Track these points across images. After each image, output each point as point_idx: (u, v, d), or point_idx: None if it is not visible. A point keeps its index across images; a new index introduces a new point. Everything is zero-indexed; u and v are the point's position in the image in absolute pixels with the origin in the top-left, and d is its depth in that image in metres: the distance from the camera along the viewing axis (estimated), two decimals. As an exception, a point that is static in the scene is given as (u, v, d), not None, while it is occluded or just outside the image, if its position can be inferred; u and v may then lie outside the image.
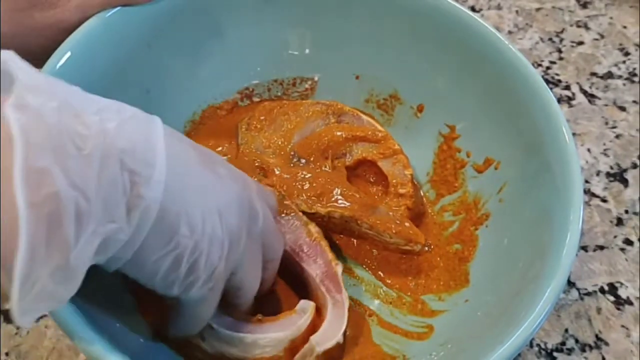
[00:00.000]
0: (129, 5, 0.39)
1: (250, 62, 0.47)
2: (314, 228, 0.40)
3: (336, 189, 0.42)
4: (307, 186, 0.42)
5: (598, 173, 0.52)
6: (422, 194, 0.46)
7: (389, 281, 0.42)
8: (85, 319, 0.29)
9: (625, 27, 0.63)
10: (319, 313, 0.38)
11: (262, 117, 0.46)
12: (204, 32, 0.44)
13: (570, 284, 0.46)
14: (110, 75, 0.39)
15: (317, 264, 0.39)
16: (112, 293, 0.37)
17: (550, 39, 0.61)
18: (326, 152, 0.44)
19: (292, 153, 0.44)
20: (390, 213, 0.42)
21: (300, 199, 0.42)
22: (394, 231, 0.41)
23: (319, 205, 0.42)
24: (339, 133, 0.45)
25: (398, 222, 0.42)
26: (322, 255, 0.40)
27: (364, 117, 0.46)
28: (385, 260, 0.43)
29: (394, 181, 0.44)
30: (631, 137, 0.55)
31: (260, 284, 0.36)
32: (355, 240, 0.44)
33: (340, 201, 0.42)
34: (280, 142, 0.45)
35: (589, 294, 0.46)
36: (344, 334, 0.38)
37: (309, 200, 0.42)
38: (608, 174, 0.52)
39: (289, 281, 0.41)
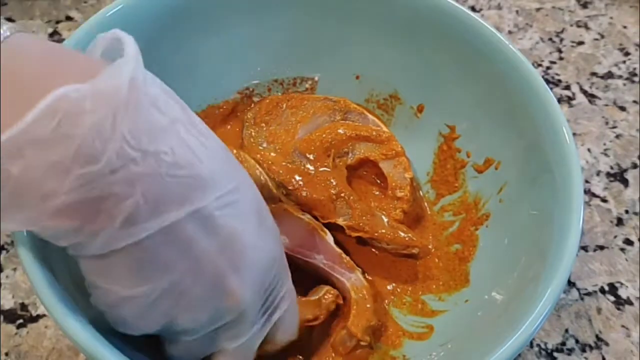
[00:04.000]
0: None
1: (250, 62, 0.47)
2: (304, 216, 0.40)
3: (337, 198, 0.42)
4: (304, 193, 0.42)
5: (598, 173, 0.52)
6: (422, 194, 0.46)
7: (389, 281, 0.42)
8: (85, 320, 0.29)
9: (625, 27, 0.63)
10: (346, 299, 0.39)
11: (268, 110, 0.46)
12: (203, 32, 0.44)
13: (571, 284, 0.46)
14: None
15: (320, 253, 0.40)
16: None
17: (550, 39, 0.61)
18: (329, 150, 0.44)
19: (293, 149, 0.44)
20: (386, 219, 0.42)
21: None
22: (388, 238, 0.41)
23: (316, 212, 0.42)
24: (342, 131, 0.45)
25: (391, 233, 0.42)
26: (321, 242, 0.40)
27: (370, 116, 0.46)
28: (385, 261, 0.43)
29: (393, 184, 0.44)
30: (631, 137, 0.55)
31: None
32: (354, 241, 0.44)
33: (339, 209, 0.42)
34: (284, 137, 0.45)
35: (589, 294, 0.46)
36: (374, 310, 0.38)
37: (305, 207, 0.42)
38: (608, 174, 0.52)
39: (303, 282, 0.41)
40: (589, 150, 0.54)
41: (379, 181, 0.46)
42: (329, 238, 0.40)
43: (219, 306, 0.29)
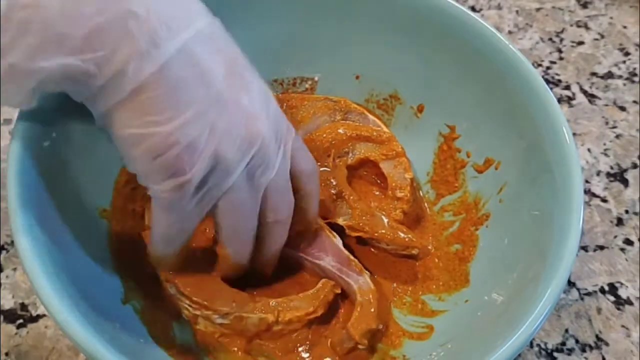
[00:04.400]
0: None
1: (250, 62, 0.47)
2: None
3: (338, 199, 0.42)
4: None
5: (598, 173, 0.52)
6: (422, 194, 0.46)
7: (389, 281, 0.42)
8: (85, 320, 0.29)
9: (625, 27, 0.63)
10: (351, 300, 0.40)
11: None
12: (204, 32, 0.44)
13: (571, 284, 0.46)
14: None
15: (328, 255, 0.40)
16: (112, 294, 0.37)
17: (550, 39, 0.61)
18: (329, 150, 0.44)
19: None
20: (386, 220, 0.42)
21: None
22: (388, 239, 0.41)
23: None
24: (342, 131, 0.45)
25: (391, 233, 0.42)
26: (330, 244, 0.40)
27: (371, 116, 0.46)
28: (385, 261, 0.43)
29: (393, 184, 0.44)
30: (631, 137, 0.55)
31: (263, 251, 0.37)
32: (354, 241, 0.44)
33: (340, 209, 0.42)
34: None
35: (589, 294, 0.46)
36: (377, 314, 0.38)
37: None
38: (608, 174, 0.52)
39: (308, 284, 0.41)
40: (589, 150, 0.54)
41: (379, 181, 0.46)
42: (338, 240, 0.40)
43: (244, 133, 0.31)
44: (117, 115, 0.29)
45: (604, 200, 0.51)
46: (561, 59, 0.60)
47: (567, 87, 0.58)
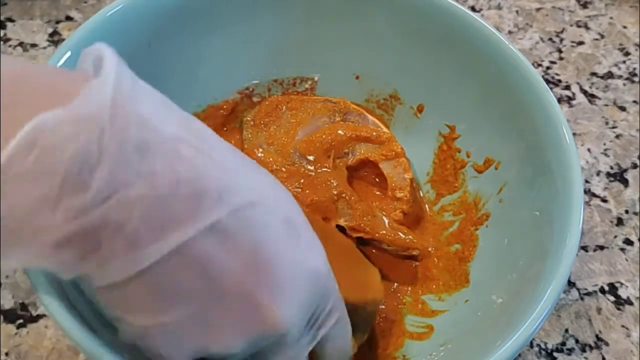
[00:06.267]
0: None
1: (250, 62, 0.47)
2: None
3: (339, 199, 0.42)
4: (306, 195, 0.42)
5: (598, 173, 0.52)
6: (422, 194, 0.46)
7: (389, 282, 0.42)
8: (85, 320, 0.29)
9: (625, 27, 0.63)
10: None
11: (268, 112, 0.46)
12: (203, 32, 0.44)
13: (571, 284, 0.46)
14: (110, 75, 0.39)
15: None
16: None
17: (550, 39, 0.61)
18: (329, 151, 0.44)
19: (293, 151, 0.44)
20: (387, 220, 0.42)
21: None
22: (389, 240, 0.41)
23: (319, 213, 0.42)
24: (342, 132, 0.45)
25: (392, 234, 0.42)
26: None
27: (370, 117, 0.46)
28: (385, 261, 0.43)
29: (393, 184, 0.44)
30: (631, 137, 0.55)
31: None
32: (355, 241, 0.44)
33: (341, 210, 0.42)
34: (284, 139, 0.45)
35: (589, 294, 0.46)
36: None
37: (307, 209, 0.42)
38: (608, 174, 0.52)
39: None
40: (589, 150, 0.54)
41: (379, 182, 0.46)
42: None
43: (256, 330, 0.26)
44: (97, 293, 0.26)
45: (604, 200, 0.51)
46: (561, 59, 0.60)
47: (567, 87, 0.58)
